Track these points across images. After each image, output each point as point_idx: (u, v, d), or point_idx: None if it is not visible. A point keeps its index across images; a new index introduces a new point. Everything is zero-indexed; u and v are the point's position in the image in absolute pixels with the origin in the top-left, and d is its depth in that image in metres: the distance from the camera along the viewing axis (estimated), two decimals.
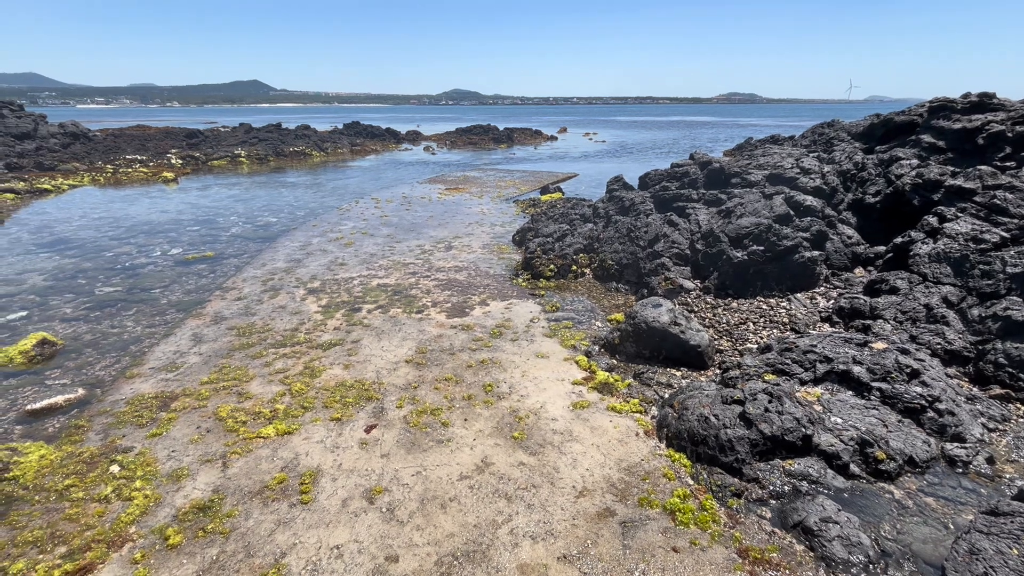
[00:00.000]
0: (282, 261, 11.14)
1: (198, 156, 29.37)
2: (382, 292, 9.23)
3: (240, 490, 4.43)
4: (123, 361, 6.85)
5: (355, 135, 44.73)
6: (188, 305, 8.73)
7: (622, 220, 10.59)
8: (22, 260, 11.26)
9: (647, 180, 12.71)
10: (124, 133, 40.87)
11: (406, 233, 13.55)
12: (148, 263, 11.10)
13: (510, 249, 11.98)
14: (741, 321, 7.54)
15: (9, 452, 4.75)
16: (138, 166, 25.90)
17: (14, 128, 30.72)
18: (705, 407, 4.95)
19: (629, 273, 9.40)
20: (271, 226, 14.60)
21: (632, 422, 5.34)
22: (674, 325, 6.55)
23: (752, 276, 8.28)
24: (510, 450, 4.91)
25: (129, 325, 7.97)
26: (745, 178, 10.57)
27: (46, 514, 4.18)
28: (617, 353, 6.84)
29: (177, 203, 18.09)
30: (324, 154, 34.44)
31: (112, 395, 6.01)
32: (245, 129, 40.99)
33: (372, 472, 4.63)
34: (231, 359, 6.78)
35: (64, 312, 8.46)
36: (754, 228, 8.53)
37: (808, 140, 16.45)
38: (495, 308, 8.48)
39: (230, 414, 5.50)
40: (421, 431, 5.21)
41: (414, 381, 6.19)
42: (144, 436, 5.20)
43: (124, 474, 4.62)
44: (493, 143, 44.57)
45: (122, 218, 15.58)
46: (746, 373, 5.64)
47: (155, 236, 13.40)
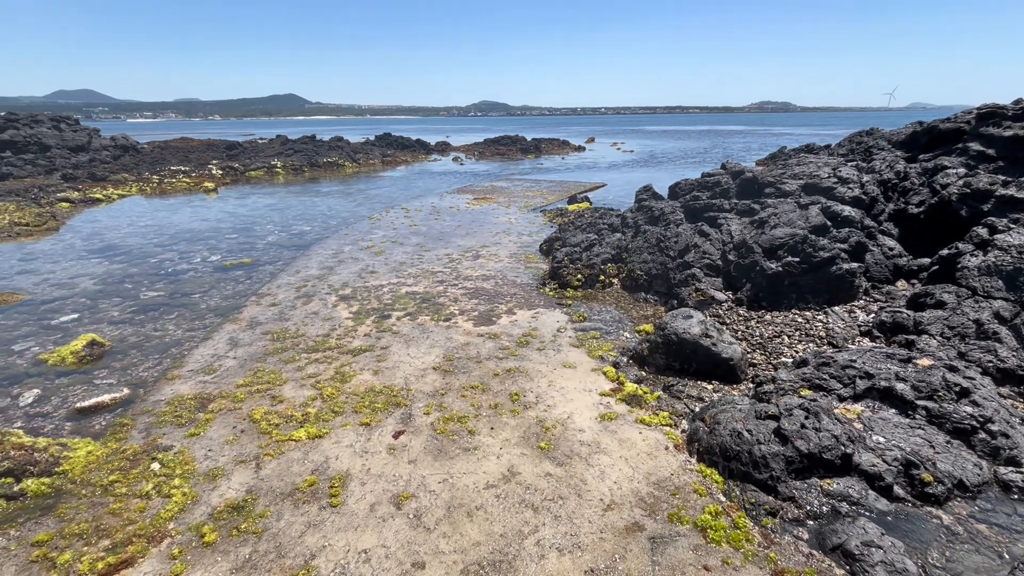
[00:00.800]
0: (315, 268, 11.43)
1: (237, 167, 30.53)
2: (411, 300, 9.36)
3: (272, 491, 4.53)
4: (164, 363, 7.13)
5: (386, 146, 45.76)
6: (226, 310, 9.04)
7: (651, 230, 10.48)
8: (75, 265, 11.89)
9: (677, 190, 12.56)
10: (169, 145, 42.89)
11: (435, 242, 13.73)
12: (189, 269, 11.56)
13: (537, 258, 11.99)
14: (775, 334, 7.33)
15: (60, 447, 4.99)
16: (181, 177, 27.09)
17: (70, 141, 32.64)
18: (738, 422, 4.82)
19: (658, 284, 9.28)
20: (305, 234, 15.02)
21: (661, 435, 5.24)
22: (705, 337, 6.42)
23: (787, 288, 8.05)
24: (537, 460, 4.88)
25: (171, 328, 8.29)
26: (779, 188, 10.33)
27: (91, 508, 4.37)
28: (646, 365, 6.73)
29: (217, 212, 18.82)
30: (356, 165, 35.33)
31: (154, 395, 6.26)
32: (281, 141, 42.45)
33: (400, 478, 4.67)
34: (265, 363, 6.98)
35: (112, 315, 8.88)
36: (789, 239, 8.31)
37: (845, 149, 15.98)
38: (522, 317, 8.49)
39: (264, 416, 5.65)
40: (448, 438, 5.24)
41: (441, 388, 6.23)
42: (183, 435, 5.39)
43: (164, 472, 4.79)
44: (521, 153, 44.86)
45: (166, 226, 16.30)
46: (781, 388, 5.47)
47: (196, 243, 13.96)
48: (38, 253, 13.01)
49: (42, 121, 33.49)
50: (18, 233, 14.91)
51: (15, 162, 27.57)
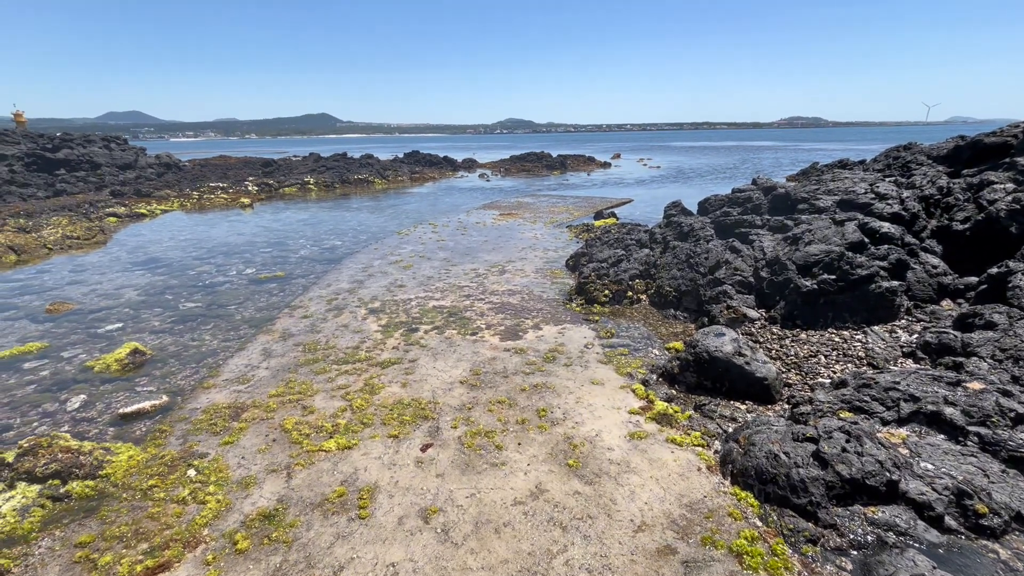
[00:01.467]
0: (346, 282, 11.67)
1: (272, 183, 31.62)
2: (438, 313, 9.44)
3: (302, 501, 4.59)
4: (201, 372, 7.35)
5: (414, 163, 46.73)
6: (259, 321, 9.29)
7: (681, 246, 10.35)
8: (120, 277, 12.44)
9: (707, 206, 12.41)
10: (209, 163, 44.79)
11: (461, 257, 13.87)
12: (225, 281, 11.95)
13: (563, 274, 11.96)
14: (811, 354, 7.10)
15: (103, 451, 5.17)
16: (219, 193, 28.20)
17: (119, 160, 34.45)
18: (774, 443, 4.66)
19: (688, 300, 9.12)
20: (336, 249, 15.39)
21: (693, 456, 5.10)
22: (738, 356, 6.26)
23: (822, 306, 7.81)
24: (565, 478, 4.81)
25: (207, 339, 8.56)
26: (813, 204, 10.10)
27: (131, 511, 4.50)
28: (676, 383, 6.60)
29: (252, 226, 19.48)
30: (386, 181, 36.15)
31: (191, 403, 6.44)
32: (314, 158, 43.83)
33: (427, 491, 4.66)
34: (297, 374, 7.12)
35: (153, 325, 9.23)
36: (824, 256, 8.09)
37: (882, 164, 15.54)
38: (548, 332, 8.45)
39: (295, 426, 5.75)
40: (475, 453, 5.22)
41: (468, 402, 6.23)
42: (218, 443, 5.52)
43: (200, 478, 4.91)
44: (546, 170, 45.16)
45: (204, 240, 16.94)
46: (819, 409, 5.28)
47: (232, 257, 14.45)
48: (87, 265, 13.67)
49: (94, 141, 35.48)
50: (70, 246, 15.73)
51: (69, 179, 29.21)
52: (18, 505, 4.44)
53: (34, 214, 20.41)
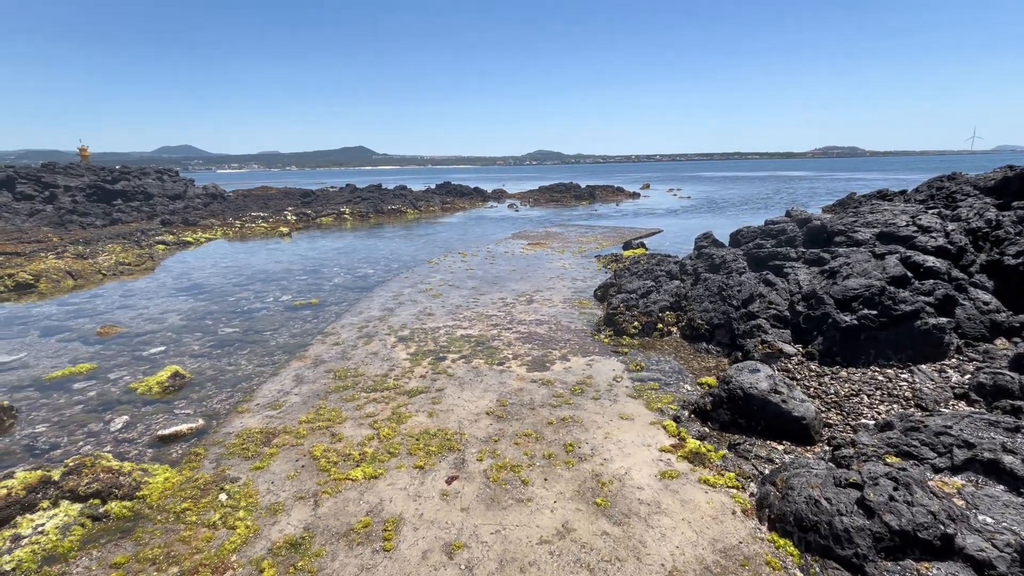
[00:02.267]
0: (376, 310, 11.91)
1: (309, 213, 32.88)
2: (466, 342, 9.48)
3: (328, 530, 4.59)
4: (236, 396, 7.55)
5: (446, 194, 47.88)
6: (293, 348, 9.53)
7: (712, 278, 10.18)
8: (165, 302, 13.04)
9: (739, 237, 12.22)
10: (251, 194, 46.99)
11: (490, 286, 13.98)
12: (262, 308, 12.37)
13: (591, 304, 11.89)
14: (852, 392, 6.78)
15: (141, 472, 5.33)
16: (260, 222, 29.48)
17: (170, 190, 36.57)
18: (814, 488, 4.42)
19: (721, 334, 8.91)
20: (368, 277, 15.77)
21: (728, 498, 4.89)
22: (774, 393, 6.04)
23: (864, 343, 7.49)
24: (592, 517, 4.68)
25: (243, 363, 8.82)
26: (851, 236, 9.81)
27: (164, 534, 4.59)
28: (709, 420, 6.39)
29: (290, 254, 20.21)
30: (418, 211, 37.11)
31: (225, 427, 6.61)
32: (350, 189, 45.46)
33: (452, 525, 4.60)
34: (327, 401, 7.23)
35: (193, 348, 9.59)
36: (864, 290, 7.81)
37: (924, 195, 15.05)
38: (576, 364, 8.36)
39: (323, 454, 5.80)
40: (501, 487, 5.14)
41: (494, 434, 6.18)
42: (249, 468, 5.62)
43: (230, 503, 4.99)
44: (575, 200, 45.51)
45: (244, 267, 17.65)
46: (863, 453, 5.00)
47: (269, 283, 14.98)
48: (136, 290, 14.41)
49: (148, 173, 37.87)
50: (121, 272, 16.64)
51: (124, 209, 31.13)
52: (60, 523, 4.60)
53: (92, 241, 21.76)
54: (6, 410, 6.70)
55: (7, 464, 5.81)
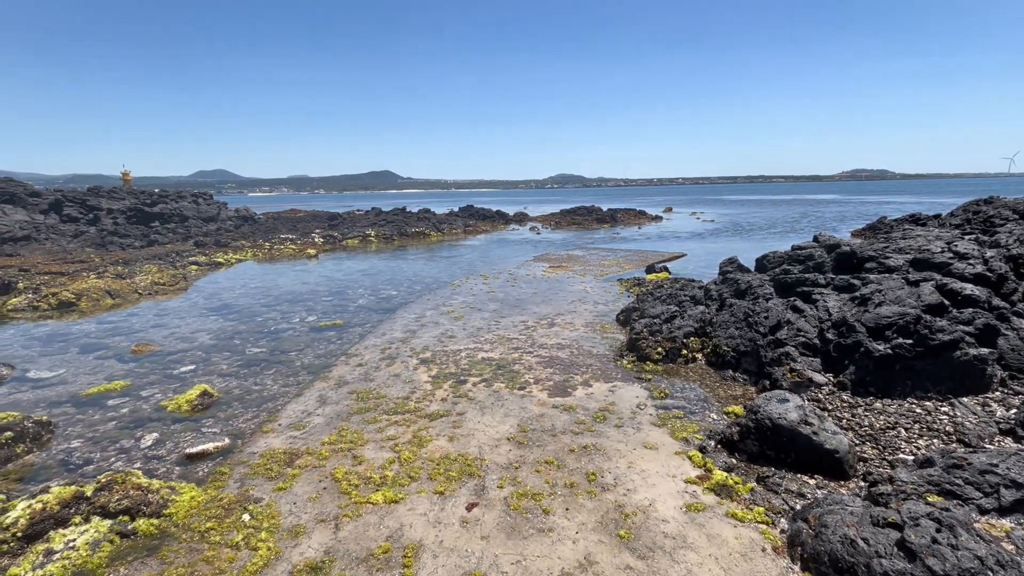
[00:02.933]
0: (399, 332, 12.03)
1: (336, 235, 33.69)
2: (487, 366, 9.48)
3: (348, 555, 4.57)
4: (261, 416, 7.67)
5: (468, 217, 48.55)
6: (317, 368, 9.67)
7: (738, 304, 10.00)
8: (196, 322, 13.44)
9: (765, 262, 12.03)
10: (280, 216, 48.51)
11: (511, 309, 14.01)
12: (288, 328, 12.63)
13: (614, 328, 11.78)
14: (888, 425, 6.50)
15: (169, 490, 5.43)
16: (288, 244, 30.31)
17: (204, 213, 38.03)
18: (850, 527, 4.23)
19: (747, 362, 8.70)
20: (392, 299, 15.99)
21: (757, 534, 4.71)
22: (804, 424, 5.84)
23: (899, 373, 7.21)
24: (616, 550, 4.55)
25: (268, 383, 8.98)
26: (882, 263, 9.56)
27: (189, 553, 4.65)
28: (736, 451, 6.20)
29: (316, 276, 20.67)
30: (441, 234, 37.66)
31: (250, 447, 6.70)
32: (376, 212, 46.53)
33: (472, 554, 4.53)
34: (349, 422, 7.28)
35: (221, 368, 9.82)
36: (898, 319, 7.56)
37: (960, 219, 14.61)
38: (598, 390, 8.26)
39: (344, 476, 5.82)
40: (522, 516, 5.06)
41: (515, 461, 6.11)
42: (272, 489, 5.67)
43: (253, 523, 5.03)
44: (596, 223, 45.56)
45: (272, 288, 18.11)
46: (901, 490, 4.77)
47: (296, 304, 15.32)
48: (169, 310, 14.90)
49: (185, 196, 39.53)
50: (156, 291, 17.27)
51: (161, 231, 32.46)
52: (91, 539, 4.70)
53: (130, 262, 22.69)
54: (45, 425, 6.94)
55: (43, 478, 6.00)
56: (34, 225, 28.48)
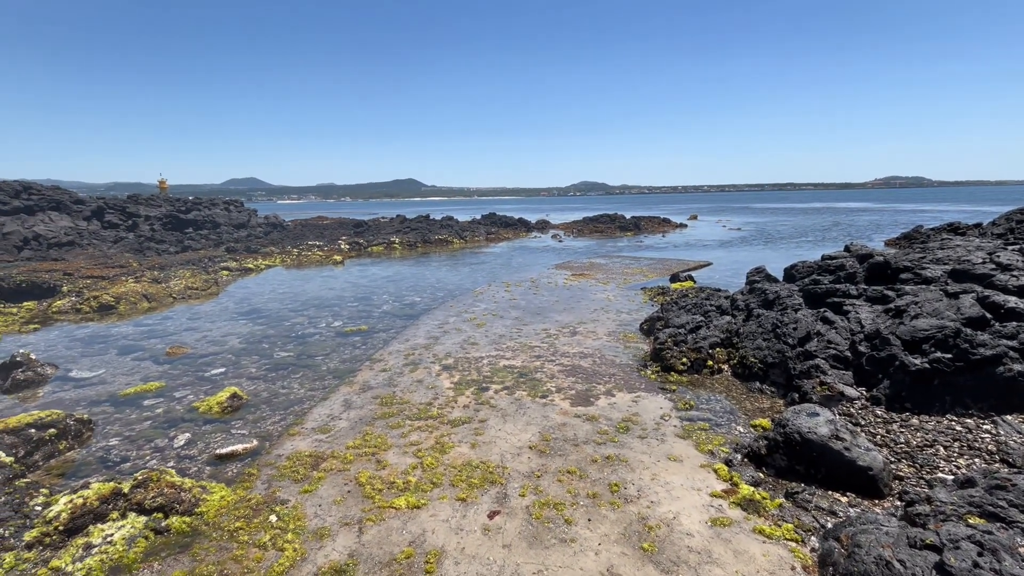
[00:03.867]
0: (422, 338, 12.15)
1: (361, 242, 34.31)
2: (508, 373, 9.49)
3: (371, 558, 4.63)
4: (288, 419, 7.83)
5: (490, 224, 48.84)
6: (343, 373, 9.84)
7: (766, 314, 9.80)
8: (227, 325, 13.84)
9: (794, 272, 11.75)
10: (308, 223, 49.67)
11: (533, 316, 14.00)
12: (315, 333, 12.89)
13: (637, 338, 11.66)
14: (926, 443, 6.25)
15: (200, 489, 5.59)
16: (315, 250, 30.99)
17: (235, 220, 39.21)
18: (885, 548, 4.08)
19: (775, 374, 8.50)
20: (415, 305, 16.18)
21: (786, 552, 4.58)
22: (836, 440, 5.67)
23: (937, 388, 6.94)
24: (639, 563, 4.49)
25: (295, 387, 9.18)
26: (919, 273, 9.24)
27: (219, 551, 4.77)
28: (764, 466, 6.05)
29: (342, 282, 21.06)
30: (463, 241, 37.97)
31: (277, 449, 6.85)
32: (400, 220, 47.24)
33: (493, 562, 4.53)
34: (373, 427, 7.38)
35: (250, 371, 10.08)
36: (936, 332, 7.28)
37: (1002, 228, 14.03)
38: (621, 400, 8.18)
39: (368, 480, 5.90)
40: (543, 525, 5.04)
41: (537, 470, 6.10)
42: (298, 491, 5.78)
43: (280, 524, 5.13)
44: (619, 231, 45.25)
45: (299, 293, 18.53)
46: (940, 511, 4.58)
47: (322, 309, 15.63)
48: (201, 314, 15.39)
49: (217, 204, 40.86)
50: (189, 296, 17.86)
51: (194, 237, 33.59)
52: (127, 535, 4.87)
53: (165, 267, 23.54)
54: (85, 423, 7.24)
55: (84, 474, 6.25)
56: (78, 231, 29.84)
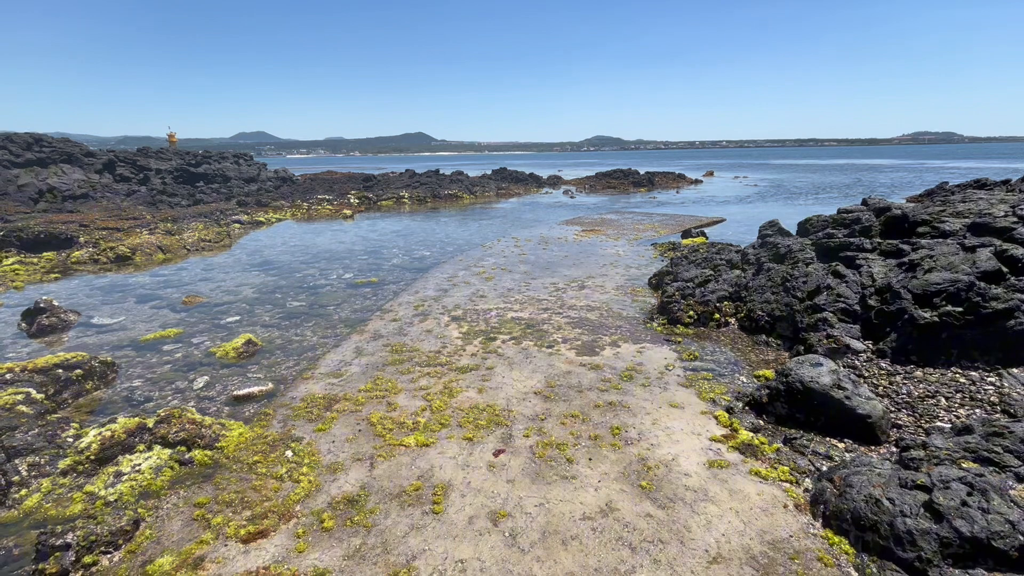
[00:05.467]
0: (432, 290, 12.29)
1: (371, 197, 34.12)
2: (516, 325, 9.62)
3: (382, 490, 4.89)
4: (301, 364, 8.09)
5: (501, 180, 48.10)
6: (353, 322, 10.05)
7: (776, 268, 9.70)
8: (240, 276, 14.07)
9: (808, 226, 11.53)
10: (318, 177, 49.28)
11: (541, 271, 14.03)
12: (326, 284, 13.07)
13: (645, 292, 11.67)
14: (927, 394, 6.31)
15: (219, 427, 5.88)
16: (325, 204, 30.93)
17: (245, 174, 39.04)
18: (876, 487, 4.21)
19: (782, 327, 8.51)
20: (425, 259, 16.25)
21: (780, 491, 4.74)
22: (837, 389, 5.74)
23: (944, 342, 6.92)
24: (636, 499, 4.69)
25: (308, 334, 9.41)
26: (937, 227, 9.01)
27: (239, 482, 5.06)
28: (764, 413, 6.17)
29: (352, 236, 21.13)
30: (473, 196, 37.57)
31: (291, 391, 7.12)
32: (409, 174, 46.64)
33: (498, 495, 4.76)
34: (384, 372, 7.61)
35: (264, 319, 10.32)
36: (948, 285, 7.18)
37: None
38: (626, 350, 8.29)
39: (379, 421, 6.14)
40: (546, 463, 5.25)
41: (541, 413, 6.29)
42: (312, 430, 6.05)
43: (295, 459, 5.41)
44: (633, 187, 44.37)
45: (310, 246, 18.66)
46: (934, 455, 4.68)
47: (333, 262, 15.78)
48: (215, 265, 15.63)
49: (227, 157, 40.58)
50: (202, 248, 18.08)
51: (205, 190, 33.62)
52: (154, 464, 5.18)
53: (178, 219, 23.73)
54: (110, 365, 7.55)
55: (110, 411, 6.58)
56: (91, 184, 29.99)
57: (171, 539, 4.32)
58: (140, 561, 4.09)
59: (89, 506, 4.68)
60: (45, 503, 4.77)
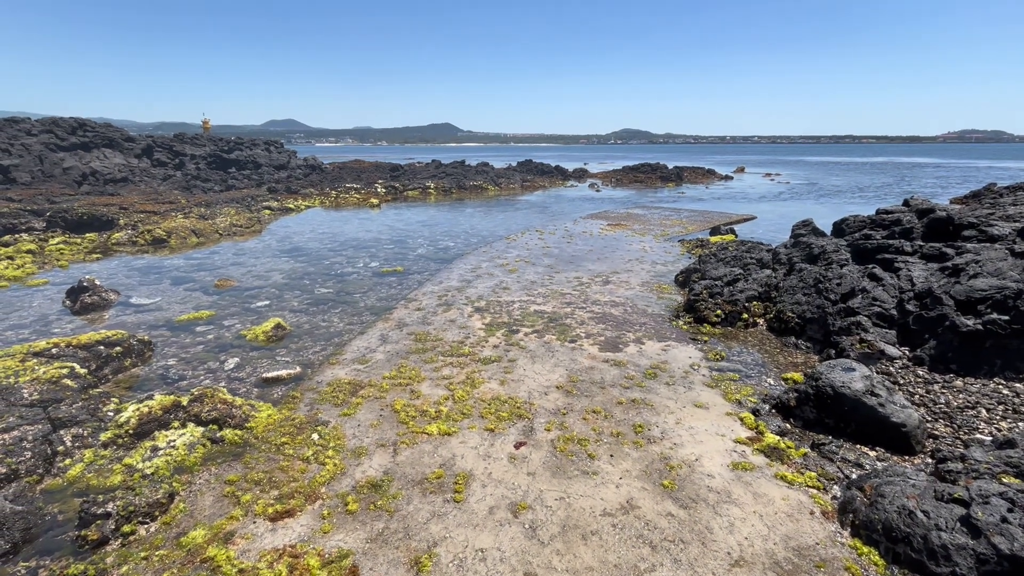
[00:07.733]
0: (455, 281, 12.36)
1: (397, 186, 34.41)
2: (539, 318, 9.61)
3: (405, 477, 4.97)
4: (328, 349, 8.25)
5: (526, 172, 47.90)
6: (379, 310, 10.19)
7: (809, 269, 9.43)
8: (270, 262, 14.41)
9: (843, 227, 11.16)
10: (346, 166, 49.88)
11: (565, 265, 13.95)
12: (353, 272, 13.28)
13: (671, 289, 11.50)
14: (967, 404, 6.06)
15: (249, 407, 6.05)
16: (353, 193, 31.34)
17: (275, 161, 39.83)
18: (910, 498, 4.07)
19: (813, 329, 8.28)
20: (449, 249, 16.34)
21: (806, 497, 4.64)
22: (870, 395, 5.56)
23: (988, 351, 6.63)
24: (658, 498, 4.65)
25: (335, 321, 9.59)
26: (984, 231, 8.61)
27: (267, 462, 5.22)
28: (791, 417, 6.04)
29: (378, 224, 21.38)
30: (498, 188, 37.53)
31: (318, 376, 7.27)
32: (435, 165, 46.85)
33: (518, 487, 4.79)
34: (408, 360, 7.70)
35: (292, 305, 10.56)
36: (995, 292, 6.87)
37: None
38: (650, 348, 8.20)
39: (403, 408, 6.23)
40: (567, 458, 5.25)
41: (563, 408, 6.28)
42: (337, 414, 6.17)
43: (321, 442, 5.54)
44: (660, 181, 43.64)
45: (338, 234, 18.96)
46: (973, 469, 4.50)
47: (360, 250, 16.01)
48: (246, 250, 16.03)
49: (258, 144, 41.46)
50: (234, 233, 18.56)
51: (237, 176, 34.44)
52: (187, 441, 5.37)
53: (211, 204, 24.39)
54: (147, 344, 7.84)
55: (148, 388, 6.85)
56: (130, 168, 31.06)
57: (203, 513, 4.49)
58: (175, 533, 4.26)
59: (128, 478, 4.89)
60: (88, 473, 5.00)
